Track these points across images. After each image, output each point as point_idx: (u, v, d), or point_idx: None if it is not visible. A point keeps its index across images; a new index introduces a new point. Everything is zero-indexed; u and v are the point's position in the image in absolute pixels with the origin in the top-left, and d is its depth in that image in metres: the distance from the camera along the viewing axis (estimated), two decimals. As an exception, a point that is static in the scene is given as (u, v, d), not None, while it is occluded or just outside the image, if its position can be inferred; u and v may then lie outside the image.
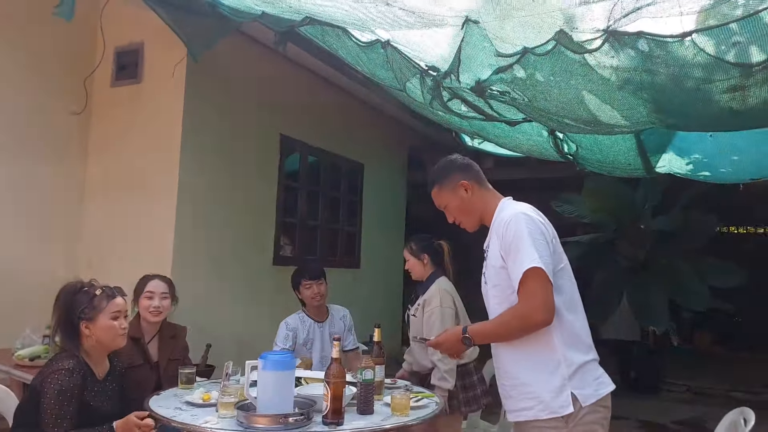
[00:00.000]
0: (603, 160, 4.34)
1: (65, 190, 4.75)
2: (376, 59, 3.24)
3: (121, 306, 2.29)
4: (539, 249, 1.86)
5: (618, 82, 2.51)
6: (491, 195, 2.13)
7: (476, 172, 2.15)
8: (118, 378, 2.35)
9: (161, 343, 2.85)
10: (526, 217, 1.93)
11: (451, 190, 2.11)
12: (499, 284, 1.95)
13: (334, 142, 6.32)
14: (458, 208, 2.11)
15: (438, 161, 2.29)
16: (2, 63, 4.24)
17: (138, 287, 2.91)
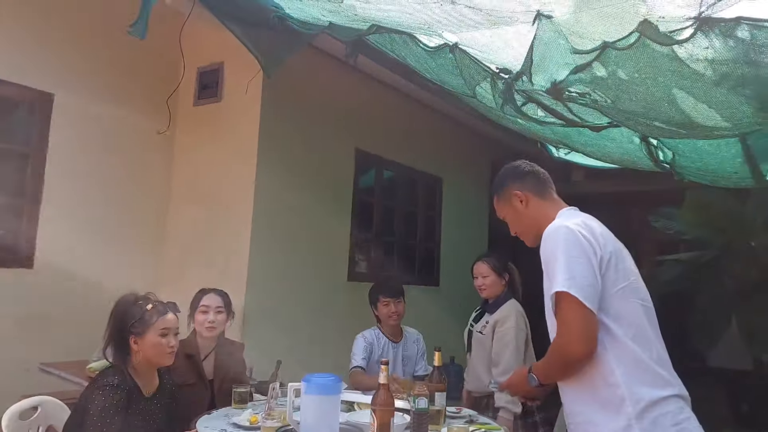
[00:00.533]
0: (704, 168, 3.92)
1: (151, 206, 4.93)
2: (444, 65, 3.09)
3: (171, 323, 2.23)
4: (573, 269, 1.63)
5: (714, 77, 2.20)
6: (551, 206, 1.91)
7: (535, 181, 1.95)
8: (168, 396, 2.29)
9: (217, 361, 2.79)
10: (567, 230, 1.71)
11: (507, 201, 1.96)
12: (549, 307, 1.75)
13: (410, 155, 6.19)
14: (514, 221, 1.96)
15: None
16: (90, 85, 4.46)
17: (193, 302, 2.88)
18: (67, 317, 4.25)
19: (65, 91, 4.30)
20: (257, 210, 4.54)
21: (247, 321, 4.43)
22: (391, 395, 1.78)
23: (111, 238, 4.60)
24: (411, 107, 6.15)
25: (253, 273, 4.50)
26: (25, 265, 4.11)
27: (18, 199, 4.12)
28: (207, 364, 2.77)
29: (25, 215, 4.12)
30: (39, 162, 4.17)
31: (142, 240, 4.86)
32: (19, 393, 3.48)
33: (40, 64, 4.19)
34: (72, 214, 4.35)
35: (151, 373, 2.24)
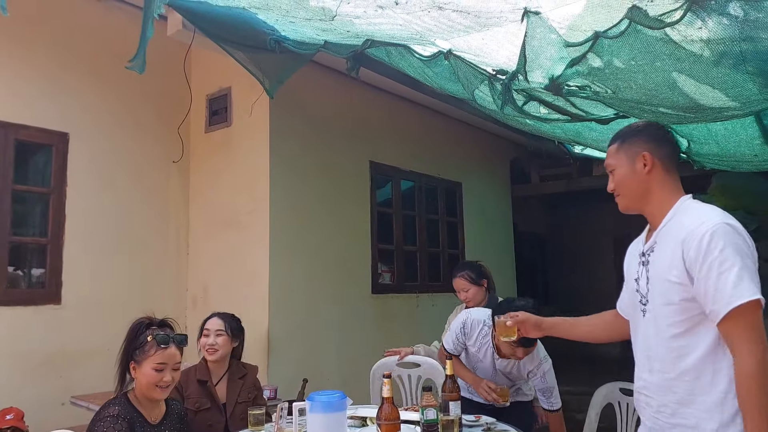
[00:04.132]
0: (722, 154, 3.80)
1: (171, 235, 5.00)
2: (441, 72, 3.08)
3: (169, 358, 2.13)
4: (755, 277, 1.54)
5: (713, 57, 2.13)
6: (673, 186, 1.76)
7: (669, 152, 1.78)
8: (177, 422, 2.28)
9: (229, 384, 2.80)
10: (737, 232, 1.59)
11: (629, 156, 1.78)
12: (674, 303, 1.62)
13: (426, 163, 6.17)
14: (625, 178, 1.79)
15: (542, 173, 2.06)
16: (103, 121, 4.57)
17: (201, 325, 2.90)
18: (97, 350, 4.33)
19: (79, 129, 4.41)
20: (273, 230, 4.56)
21: (273, 341, 4.45)
22: (396, 409, 1.75)
23: (135, 269, 4.68)
24: (422, 114, 6.14)
25: (275, 293, 4.52)
26: (53, 301, 4.21)
27: (42, 238, 4.23)
28: (220, 388, 2.78)
29: (50, 253, 4.22)
30: (59, 200, 4.28)
31: (166, 269, 4.94)
32: (53, 428, 3.56)
33: (54, 105, 4.31)
34: (95, 249, 4.44)
35: (153, 401, 2.20)
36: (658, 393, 1.67)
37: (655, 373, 1.68)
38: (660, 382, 1.66)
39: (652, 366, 1.70)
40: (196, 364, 2.81)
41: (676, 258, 1.60)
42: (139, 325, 2.23)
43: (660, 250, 1.69)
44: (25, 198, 4.26)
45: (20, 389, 3.86)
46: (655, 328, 1.68)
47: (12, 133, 4.06)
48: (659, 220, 1.74)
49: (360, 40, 3.07)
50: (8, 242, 4.03)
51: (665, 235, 1.70)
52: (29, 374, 3.99)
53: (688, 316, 1.59)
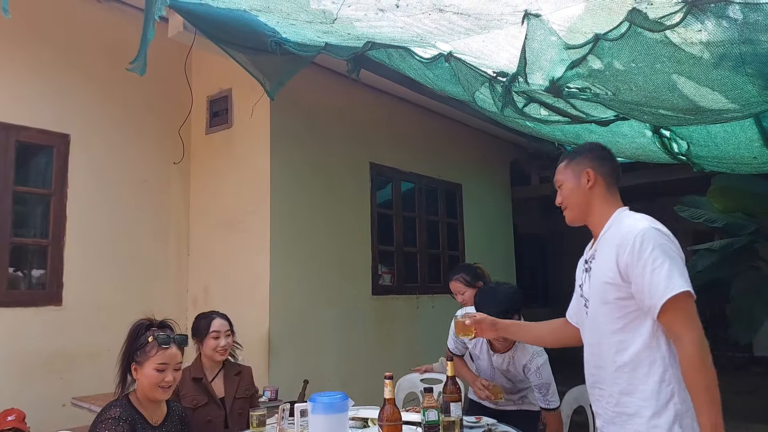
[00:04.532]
0: (721, 156, 3.82)
1: (171, 236, 5.01)
2: (442, 74, 3.09)
3: (171, 358, 2.14)
4: (683, 271, 1.71)
5: (712, 59, 2.15)
6: (612, 200, 1.94)
7: (609, 170, 1.95)
8: (178, 423, 2.29)
9: (226, 380, 2.81)
10: (664, 234, 1.77)
11: (575, 173, 1.95)
12: (609, 302, 1.78)
13: (426, 164, 6.18)
14: (571, 193, 1.96)
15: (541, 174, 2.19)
16: (104, 122, 4.58)
17: (200, 326, 2.89)
18: (98, 351, 4.33)
19: (80, 130, 4.42)
20: (274, 231, 4.57)
21: (273, 342, 4.45)
22: (398, 410, 1.76)
23: (135, 271, 4.68)
24: (422, 116, 6.16)
25: (275, 294, 4.52)
26: (54, 302, 4.21)
27: (43, 239, 4.24)
28: (216, 385, 2.79)
29: (51, 254, 4.22)
30: (60, 202, 4.28)
31: (166, 270, 4.94)
32: (54, 429, 3.57)
33: (55, 106, 4.32)
34: (96, 250, 4.45)
35: (155, 403, 2.20)
36: (609, 384, 1.81)
37: (601, 368, 1.83)
38: (605, 375, 1.81)
39: (597, 362, 1.85)
40: (188, 365, 2.81)
41: (611, 261, 1.77)
42: (139, 327, 2.24)
43: (599, 257, 1.86)
44: (25, 199, 4.26)
45: (21, 390, 3.87)
46: (595, 327, 1.84)
47: (13, 134, 4.06)
48: (599, 230, 1.90)
49: (361, 42, 3.08)
50: (9, 243, 4.03)
51: (603, 242, 1.86)
52: (30, 375, 3.99)
53: (623, 313, 1.75)
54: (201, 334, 2.84)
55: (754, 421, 5.79)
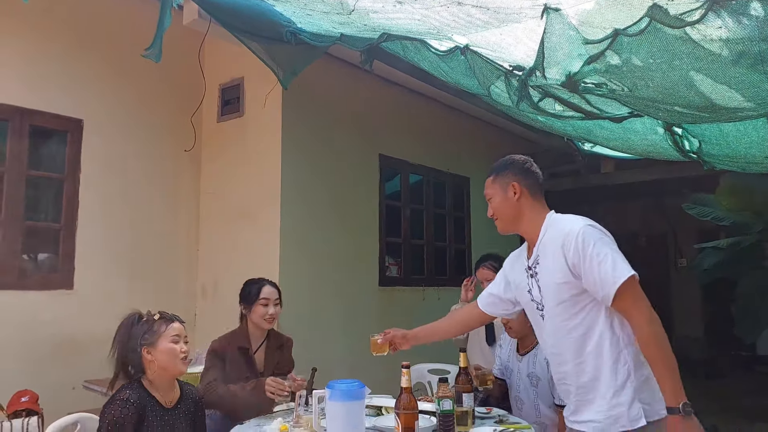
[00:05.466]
0: (733, 155, 3.81)
1: (182, 223, 5.04)
2: (457, 67, 3.10)
3: (180, 330, 2.27)
4: (624, 258, 1.84)
5: (731, 56, 2.15)
6: (539, 208, 2.07)
7: (533, 181, 2.10)
8: (192, 405, 2.32)
9: (267, 353, 2.80)
10: (598, 229, 1.92)
11: (501, 186, 2.09)
12: (565, 300, 1.88)
13: (435, 157, 6.19)
14: (500, 205, 2.09)
15: (550, 169, 2.27)
16: (117, 108, 4.61)
17: (249, 292, 2.84)
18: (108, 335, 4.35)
19: (94, 116, 4.45)
20: (284, 222, 4.59)
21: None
22: (414, 399, 1.78)
23: (145, 257, 4.72)
24: (433, 109, 6.16)
25: (285, 284, 4.50)
26: (65, 286, 4.25)
27: (55, 224, 4.27)
28: (258, 357, 2.79)
29: (63, 238, 4.26)
30: (73, 186, 4.32)
31: (176, 258, 4.98)
32: (66, 411, 3.61)
33: (69, 91, 4.34)
34: (107, 235, 4.48)
35: (169, 384, 2.26)
36: (574, 377, 1.92)
37: (564, 364, 1.94)
38: (568, 369, 1.92)
39: (560, 359, 1.96)
40: (235, 330, 2.79)
41: (559, 262, 1.88)
42: (131, 318, 2.31)
43: (543, 261, 1.96)
44: (39, 183, 4.29)
45: (32, 373, 3.90)
46: (554, 326, 1.94)
47: (27, 118, 4.09)
48: (535, 237, 2.01)
49: (376, 33, 3.08)
50: (22, 227, 4.07)
51: (544, 247, 1.97)
52: (41, 358, 4.04)
53: (579, 308, 1.87)
54: (250, 300, 2.80)
55: (757, 419, 5.82)
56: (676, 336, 9.53)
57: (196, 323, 4.97)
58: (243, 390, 2.49)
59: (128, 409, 2.08)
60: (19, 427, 3.08)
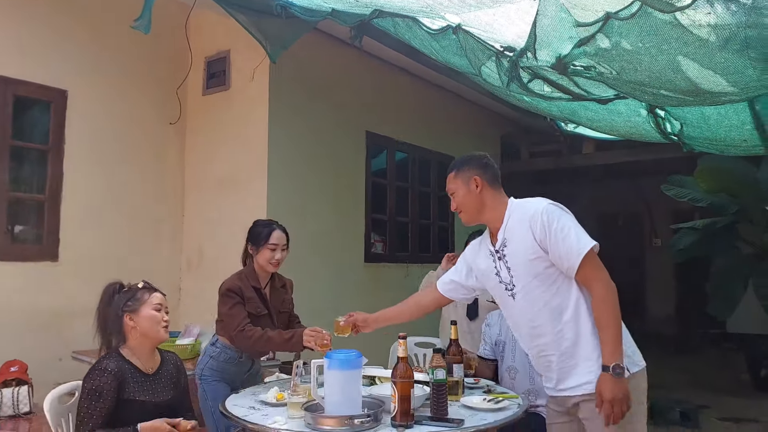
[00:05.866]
0: (713, 137, 3.91)
1: (167, 195, 5.01)
2: (448, 46, 3.12)
3: (162, 300, 2.32)
4: (584, 230, 2.01)
5: (718, 42, 2.21)
6: (500, 197, 2.21)
7: (492, 174, 2.23)
8: (173, 371, 2.37)
9: (272, 292, 2.85)
10: (559, 206, 2.07)
11: (463, 181, 2.20)
12: (540, 273, 2.01)
13: (421, 136, 6.23)
14: (464, 199, 2.20)
15: (531, 149, 2.37)
16: (102, 80, 4.54)
17: (259, 234, 2.84)
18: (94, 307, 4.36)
19: (78, 86, 4.38)
20: (271, 196, 4.61)
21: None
22: (410, 368, 1.85)
23: (130, 229, 4.70)
24: (420, 87, 6.17)
25: (271, 258, 4.58)
26: (50, 258, 4.22)
27: (39, 195, 4.23)
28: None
29: (48, 210, 4.23)
30: (57, 157, 4.27)
31: (161, 228, 4.96)
32: (54, 381, 3.63)
33: (53, 62, 4.27)
34: (92, 207, 4.45)
35: (150, 352, 2.30)
36: (555, 346, 2.02)
37: (542, 336, 2.04)
38: (548, 341, 2.03)
39: (537, 332, 2.06)
40: (244, 271, 2.82)
41: (529, 240, 2.02)
42: (112, 287, 2.35)
43: (512, 243, 2.09)
44: (23, 154, 4.24)
45: (18, 344, 3.88)
46: (530, 302, 2.05)
47: (11, 88, 4.02)
48: (499, 223, 2.14)
49: (368, 9, 3.08)
50: (6, 198, 4.02)
51: (511, 230, 2.10)
52: (26, 329, 4.02)
53: (553, 280, 2.01)
54: (258, 242, 2.81)
55: (725, 392, 6.06)
56: (649, 313, 9.83)
57: (181, 296, 4.99)
58: (280, 336, 2.56)
59: (106, 377, 2.13)
60: (9, 395, 3.10)
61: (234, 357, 2.73)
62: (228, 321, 2.65)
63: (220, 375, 2.72)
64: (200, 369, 2.76)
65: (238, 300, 2.68)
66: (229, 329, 2.64)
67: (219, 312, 2.75)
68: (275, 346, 2.64)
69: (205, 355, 2.79)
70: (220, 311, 2.73)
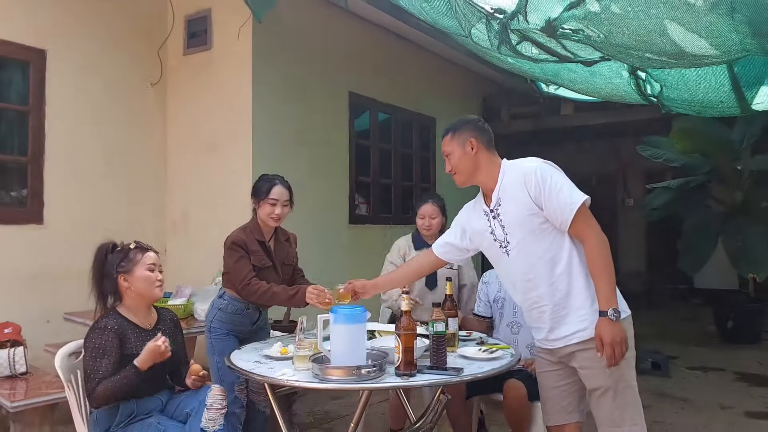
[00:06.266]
0: (691, 99, 4.01)
1: (149, 155, 4.99)
2: (438, 7, 3.13)
3: (155, 259, 2.34)
4: (575, 186, 2.09)
5: (704, 6, 2.28)
6: (494, 159, 2.26)
7: (487, 138, 2.28)
8: (171, 326, 2.44)
9: (276, 245, 2.90)
10: (550, 164, 2.15)
11: (459, 143, 2.25)
12: (535, 229, 2.10)
13: (404, 97, 6.24)
14: (459, 160, 2.25)
15: (511, 111, 2.43)
16: (81, 39, 4.45)
17: (260, 188, 2.86)
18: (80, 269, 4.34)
19: (57, 46, 4.29)
20: (256, 156, 4.62)
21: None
22: (413, 321, 1.95)
23: (114, 190, 4.68)
24: (402, 47, 6.15)
25: (258, 219, 4.61)
26: (35, 221, 4.21)
27: (22, 157, 4.18)
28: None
29: (31, 172, 4.18)
30: (38, 119, 4.20)
31: (145, 188, 4.96)
32: (44, 342, 3.66)
33: (31, 20, 4.16)
34: (75, 169, 4.42)
35: (146, 309, 2.35)
36: (549, 297, 2.12)
37: (541, 286, 2.13)
38: (542, 292, 2.12)
39: (532, 285, 2.15)
40: (248, 224, 2.86)
41: (523, 198, 2.10)
42: (105, 247, 2.37)
43: (507, 202, 2.16)
44: (2, 115, 4.16)
45: (6, 306, 3.89)
46: (524, 256, 2.14)
47: (-13, 47, 3.92)
48: (493, 184, 2.21)
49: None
50: (-12, 161, 3.97)
51: (505, 190, 2.17)
52: (13, 292, 4.04)
53: (547, 234, 2.09)
54: (260, 196, 2.84)
55: (693, 344, 6.37)
56: (620, 271, 10.13)
57: (167, 257, 5.01)
58: (285, 292, 2.62)
59: (107, 334, 2.19)
60: (5, 356, 3.13)
61: (241, 308, 2.79)
62: (234, 274, 2.71)
63: (229, 327, 2.77)
64: (209, 322, 2.81)
65: (243, 253, 2.73)
66: (235, 282, 2.70)
67: (225, 265, 2.79)
68: (279, 301, 2.69)
69: (213, 308, 2.83)
70: (227, 264, 2.77)
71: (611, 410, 2.06)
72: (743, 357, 5.77)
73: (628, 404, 2.07)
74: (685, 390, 4.59)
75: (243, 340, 2.79)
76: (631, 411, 2.07)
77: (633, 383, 2.10)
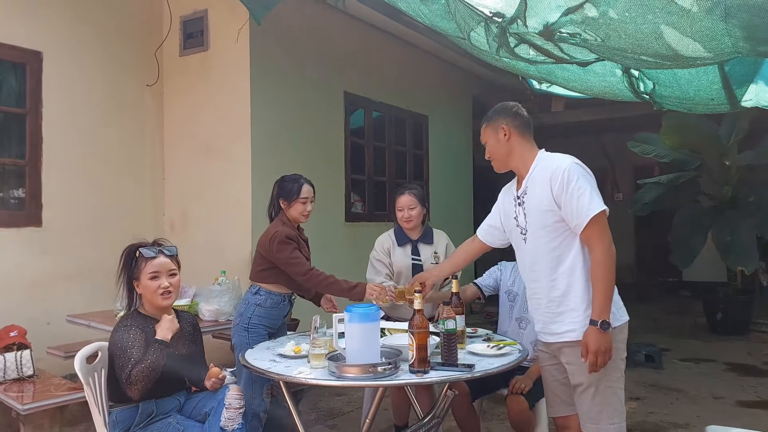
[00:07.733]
0: (683, 96, 4.11)
1: (146, 157, 5.01)
2: (437, 10, 3.18)
3: (159, 266, 2.31)
4: (600, 195, 2.11)
5: (700, 12, 2.36)
6: (529, 146, 2.28)
7: (522, 123, 2.29)
8: (190, 328, 2.48)
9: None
10: (582, 167, 2.16)
11: (493, 131, 2.29)
12: (548, 225, 2.15)
13: (397, 95, 6.29)
14: (494, 147, 2.30)
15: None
16: (77, 41, 4.47)
17: (291, 189, 2.97)
18: (79, 271, 4.40)
19: (53, 48, 4.30)
20: (255, 157, 4.65)
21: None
22: (426, 319, 2.01)
23: (112, 193, 4.71)
24: (394, 46, 6.20)
25: (257, 219, 4.64)
26: (33, 223, 4.22)
27: (20, 160, 4.19)
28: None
29: (29, 175, 4.19)
30: (36, 121, 4.21)
31: (143, 189, 4.98)
32: (45, 345, 3.68)
33: (28, 22, 4.17)
34: (73, 171, 4.43)
35: (162, 312, 2.36)
36: (546, 291, 2.19)
37: (542, 279, 2.20)
38: (546, 284, 2.19)
39: (535, 276, 2.23)
40: (281, 220, 2.97)
41: (545, 192, 2.14)
42: (130, 249, 2.39)
43: (532, 192, 2.20)
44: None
45: (5, 310, 3.90)
46: (535, 247, 2.21)
47: (-15, 50, 3.92)
48: (525, 171, 2.25)
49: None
50: (-14, 164, 3.98)
51: (533, 180, 2.21)
52: (13, 295, 4.05)
53: (558, 233, 2.14)
54: (290, 197, 2.94)
55: (683, 336, 6.51)
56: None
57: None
58: (346, 283, 2.75)
59: (132, 330, 2.24)
60: (12, 359, 3.16)
61: (278, 301, 2.90)
62: (294, 265, 2.80)
63: (267, 321, 2.86)
64: (246, 318, 2.85)
65: (295, 245, 2.85)
66: (297, 273, 2.80)
67: (276, 258, 2.84)
68: (337, 291, 2.81)
69: (249, 305, 2.88)
70: (279, 257, 2.82)
71: (590, 407, 2.13)
72: (733, 348, 5.90)
73: (608, 403, 2.13)
74: (678, 381, 4.70)
75: (271, 335, 2.87)
76: (610, 411, 2.13)
77: (616, 385, 2.15)
